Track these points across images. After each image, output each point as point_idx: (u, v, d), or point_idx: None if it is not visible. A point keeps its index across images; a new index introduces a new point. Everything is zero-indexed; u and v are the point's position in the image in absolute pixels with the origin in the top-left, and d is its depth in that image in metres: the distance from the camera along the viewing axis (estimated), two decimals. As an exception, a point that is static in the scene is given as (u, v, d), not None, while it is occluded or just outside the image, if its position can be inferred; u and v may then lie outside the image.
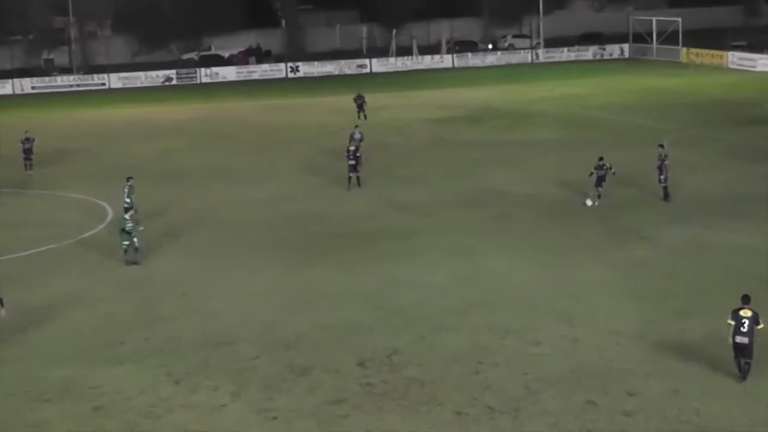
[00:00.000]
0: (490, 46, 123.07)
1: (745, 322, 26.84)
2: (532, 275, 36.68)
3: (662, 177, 45.99)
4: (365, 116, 73.28)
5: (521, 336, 30.77)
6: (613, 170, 45.95)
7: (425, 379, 27.98)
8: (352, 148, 52.41)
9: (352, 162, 51.80)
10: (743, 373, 26.92)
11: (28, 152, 60.13)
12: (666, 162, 45.89)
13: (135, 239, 39.35)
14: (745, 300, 27.32)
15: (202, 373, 29.03)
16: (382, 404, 26.53)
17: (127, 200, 45.02)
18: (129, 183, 46.03)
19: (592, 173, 46.05)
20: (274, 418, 26.05)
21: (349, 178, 51.71)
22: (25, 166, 59.83)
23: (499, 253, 39.47)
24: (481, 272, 37.28)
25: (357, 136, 56.67)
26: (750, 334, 26.72)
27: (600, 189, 45.85)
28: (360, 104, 75.31)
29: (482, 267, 37.88)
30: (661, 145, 46.27)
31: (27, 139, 60.46)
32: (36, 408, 27.20)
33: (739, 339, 26.82)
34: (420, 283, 36.26)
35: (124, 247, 39.44)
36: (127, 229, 39.31)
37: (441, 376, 28.16)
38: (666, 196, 46.13)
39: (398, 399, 26.82)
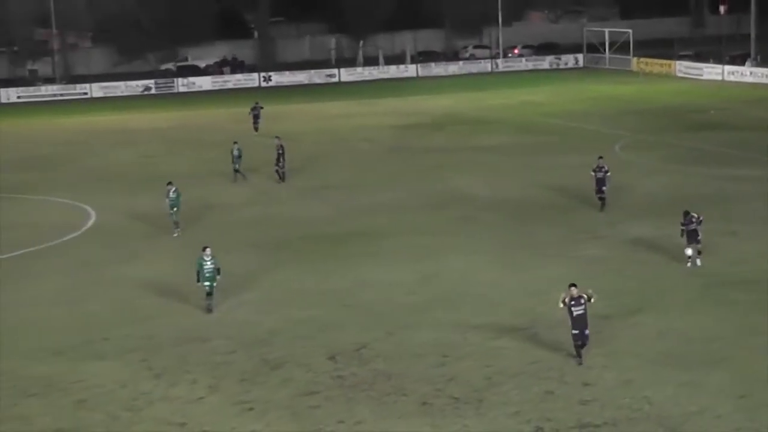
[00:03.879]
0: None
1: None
2: (493, 274, 36.82)
3: (603, 188, 44.85)
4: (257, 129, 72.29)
5: (483, 331, 30.89)
6: (608, 172, 45.00)
7: (392, 371, 28.06)
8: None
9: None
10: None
11: None
12: (607, 173, 45.09)
13: (215, 283, 33.57)
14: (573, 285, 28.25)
15: (180, 367, 29.02)
16: (352, 396, 26.60)
17: (173, 210, 44.00)
18: (173, 188, 44.35)
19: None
20: (250, 409, 26.07)
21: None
22: None
23: (461, 253, 39.56)
24: (444, 271, 37.38)
25: (236, 153, 55.85)
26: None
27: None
28: (255, 115, 73.28)
29: (445, 267, 37.97)
30: (600, 157, 45.78)
31: None
32: (21, 402, 27.11)
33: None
34: (386, 282, 36.33)
35: (207, 289, 33.55)
36: (207, 272, 33.45)
37: (407, 369, 28.24)
38: (603, 206, 45.15)
39: (367, 391, 26.90)
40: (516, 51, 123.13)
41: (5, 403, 27.04)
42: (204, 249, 33.71)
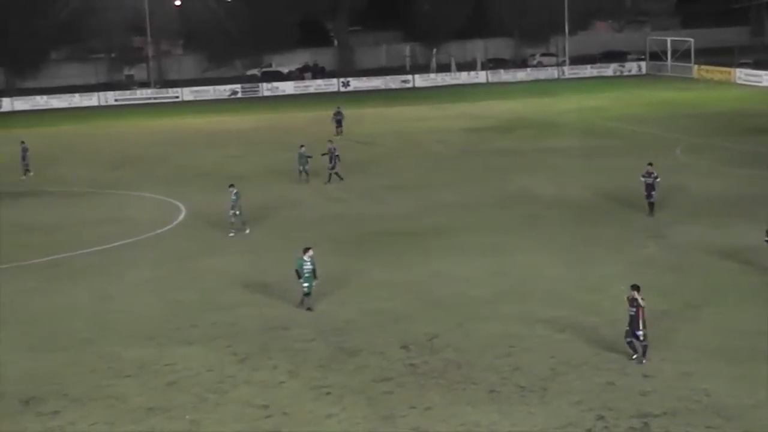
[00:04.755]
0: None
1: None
2: (558, 270, 36.55)
3: (652, 192, 43.85)
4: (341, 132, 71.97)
5: (548, 324, 30.67)
6: (658, 178, 44.04)
7: (462, 361, 27.97)
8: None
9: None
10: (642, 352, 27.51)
11: (24, 158, 60.38)
12: (657, 179, 44.08)
13: (314, 284, 32.78)
14: (635, 287, 27.57)
15: (263, 353, 29.15)
16: (424, 383, 26.55)
17: (233, 211, 43.49)
18: (234, 190, 43.79)
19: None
20: (327, 393, 26.12)
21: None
22: (25, 170, 60.14)
23: (528, 250, 39.34)
24: (512, 267, 37.19)
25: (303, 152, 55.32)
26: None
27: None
28: (338, 120, 72.87)
29: (513, 262, 37.79)
30: (650, 164, 45.02)
31: (23, 148, 60.81)
32: (118, 382, 27.40)
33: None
34: (457, 276, 36.21)
35: (305, 289, 32.84)
36: (305, 272, 32.62)
37: (476, 358, 28.13)
38: (651, 211, 44.03)
39: (438, 378, 26.83)
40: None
41: (104, 383, 27.37)
42: (305, 250, 32.84)
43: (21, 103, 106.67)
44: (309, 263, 32.54)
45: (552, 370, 27.05)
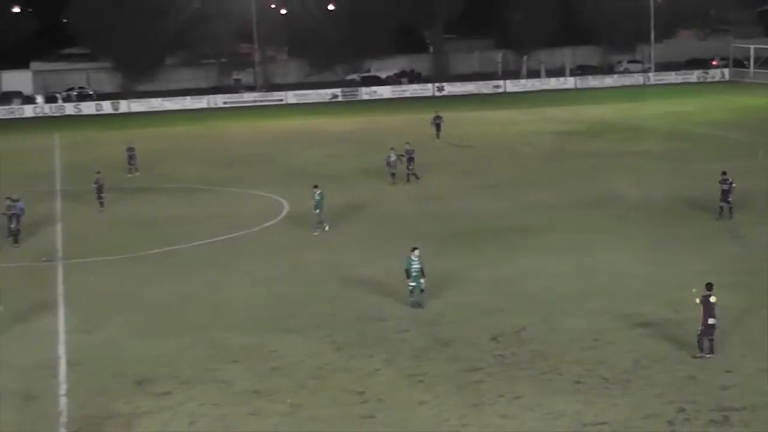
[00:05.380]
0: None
1: (714, 306, 26.94)
2: (643, 268, 36.14)
3: (729, 198, 42.89)
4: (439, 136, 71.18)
5: (632, 319, 30.40)
6: (733, 183, 43.15)
7: (549, 353, 27.87)
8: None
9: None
10: (710, 350, 27.05)
11: (130, 159, 61.23)
12: (732, 185, 42.98)
13: (422, 281, 32.19)
14: (709, 287, 27.17)
15: (359, 342, 29.34)
16: (512, 373, 26.51)
17: (317, 210, 43.37)
18: (318, 191, 43.38)
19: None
20: (420, 381, 26.20)
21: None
22: (131, 169, 60.87)
23: (614, 249, 38.97)
24: (598, 265, 36.87)
25: (392, 158, 54.83)
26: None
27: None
28: (437, 124, 71.93)
29: (599, 260, 37.46)
30: (724, 172, 44.02)
31: (129, 149, 61.65)
32: (225, 367, 27.79)
33: (711, 321, 26.89)
34: (545, 272, 36.04)
35: (410, 288, 32.36)
36: (413, 271, 32.09)
37: (562, 351, 28.01)
38: (731, 214, 43.03)
39: (525, 369, 26.78)
40: (714, 62, 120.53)
41: (213, 367, 27.78)
42: (413, 250, 32.33)
43: (137, 105, 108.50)
44: (417, 262, 32.09)
45: (635, 363, 26.82)
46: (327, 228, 43.52)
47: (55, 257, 41.25)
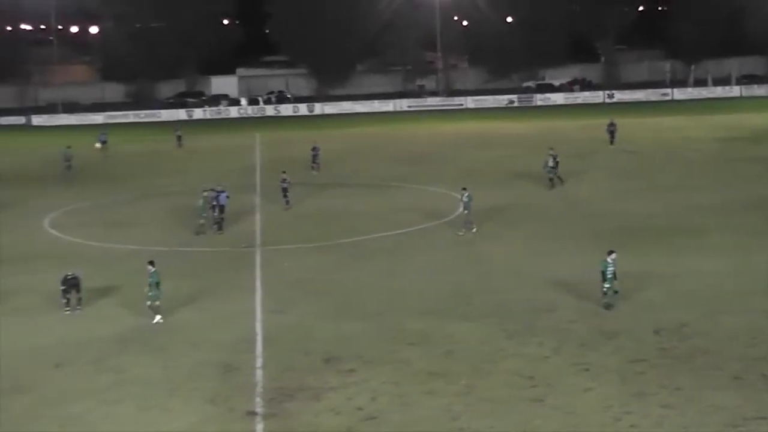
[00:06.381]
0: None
1: None
2: (804, 269, 34.70)
3: None
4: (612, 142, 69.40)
5: (792, 319, 29.25)
6: None
7: (709, 348, 27.00)
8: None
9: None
10: None
11: (314, 158, 61.80)
12: None
13: (615, 282, 30.80)
14: None
15: (530, 331, 29.04)
16: (673, 366, 25.80)
17: (465, 211, 42.66)
18: (466, 193, 42.86)
19: None
20: (586, 370, 25.78)
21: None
22: (314, 168, 61.32)
23: (774, 250, 37.58)
24: (758, 265, 35.40)
25: (551, 163, 53.17)
26: None
27: None
28: (611, 131, 69.81)
29: (760, 261, 35.96)
30: None
31: (314, 148, 62.13)
32: (402, 349, 27.91)
33: None
34: (707, 271, 34.92)
35: (604, 290, 30.89)
36: (608, 273, 30.70)
37: (722, 347, 27.09)
38: None
39: (686, 363, 26.01)
40: None
41: (391, 349, 27.95)
42: (609, 253, 30.98)
43: (330, 108, 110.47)
44: (611, 265, 30.82)
45: (794, 362, 25.78)
46: (474, 230, 42.58)
47: (253, 244, 42.31)
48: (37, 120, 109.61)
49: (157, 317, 31.11)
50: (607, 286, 30.84)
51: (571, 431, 22.20)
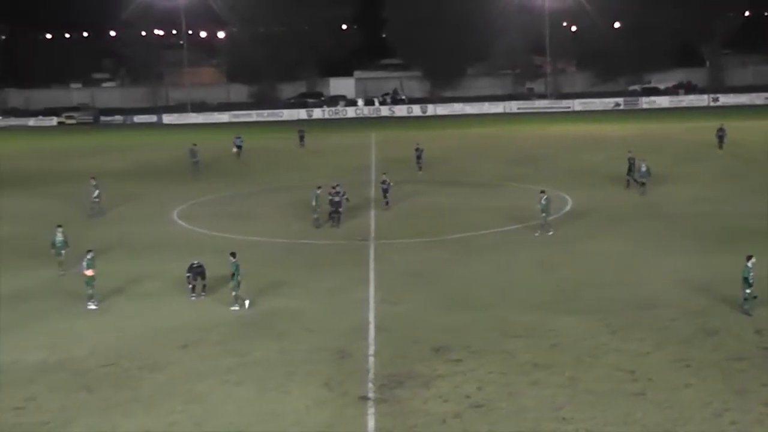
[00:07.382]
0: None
1: None
2: None
3: None
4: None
5: None
6: None
7: (812, 349, 26.28)
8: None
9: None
10: None
11: (418, 158, 61.44)
12: None
13: (748, 291, 29.43)
14: None
15: (632, 327, 28.63)
16: (774, 364, 25.22)
17: (544, 213, 41.73)
18: (545, 195, 41.90)
19: None
20: (687, 366, 25.31)
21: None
22: (419, 167, 61.01)
23: None
24: None
25: (643, 169, 51.23)
26: None
27: None
28: (720, 136, 67.02)
29: None
30: None
31: (417, 149, 61.80)
32: (508, 341, 27.80)
33: None
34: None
35: (745, 295, 29.54)
36: (751, 279, 29.44)
37: (825, 347, 26.35)
38: None
39: (788, 362, 25.40)
40: None
41: (497, 340, 27.90)
42: (749, 258, 29.42)
43: (442, 109, 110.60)
44: (752, 270, 29.42)
45: None
46: (551, 233, 41.73)
47: (368, 238, 42.63)
48: (167, 118, 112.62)
49: (237, 305, 31.63)
50: (747, 291, 29.59)
51: (672, 425, 21.83)
